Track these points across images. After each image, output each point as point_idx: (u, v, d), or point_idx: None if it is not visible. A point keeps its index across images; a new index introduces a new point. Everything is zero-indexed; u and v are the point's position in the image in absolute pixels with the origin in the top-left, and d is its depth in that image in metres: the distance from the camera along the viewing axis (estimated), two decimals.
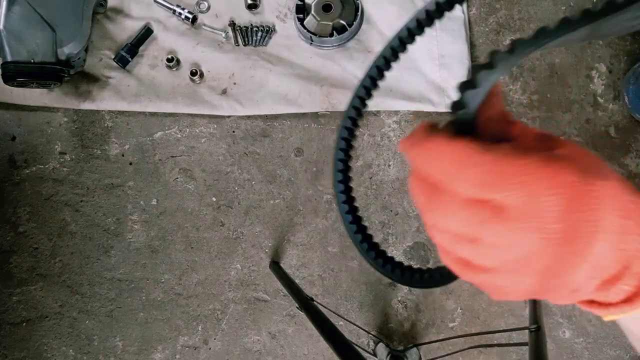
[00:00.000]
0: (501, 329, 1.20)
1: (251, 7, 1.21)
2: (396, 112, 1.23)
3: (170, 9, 1.19)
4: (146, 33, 1.18)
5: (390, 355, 1.13)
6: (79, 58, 1.10)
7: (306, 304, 0.96)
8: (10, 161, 1.20)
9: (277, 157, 1.23)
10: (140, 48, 1.18)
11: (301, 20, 1.19)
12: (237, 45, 1.21)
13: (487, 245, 0.24)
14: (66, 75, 1.08)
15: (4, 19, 1.01)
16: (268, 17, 1.23)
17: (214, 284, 1.20)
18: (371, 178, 1.23)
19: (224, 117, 1.22)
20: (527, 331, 0.99)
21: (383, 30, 1.22)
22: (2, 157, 1.20)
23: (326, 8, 1.18)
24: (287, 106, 1.19)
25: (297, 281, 1.18)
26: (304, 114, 1.22)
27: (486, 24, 1.28)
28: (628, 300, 0.25)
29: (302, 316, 1.17)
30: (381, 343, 1.17)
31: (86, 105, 1.17)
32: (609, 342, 1.22)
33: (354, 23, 1.18)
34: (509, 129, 0.28)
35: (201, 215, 1.21)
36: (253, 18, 1.22)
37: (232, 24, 1.21)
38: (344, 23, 1.18)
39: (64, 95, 1.17)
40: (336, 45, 1.21)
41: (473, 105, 0.25)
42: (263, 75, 1.20)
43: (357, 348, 0.82)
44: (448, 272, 0.30)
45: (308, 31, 1.18)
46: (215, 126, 1.22)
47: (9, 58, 1.02)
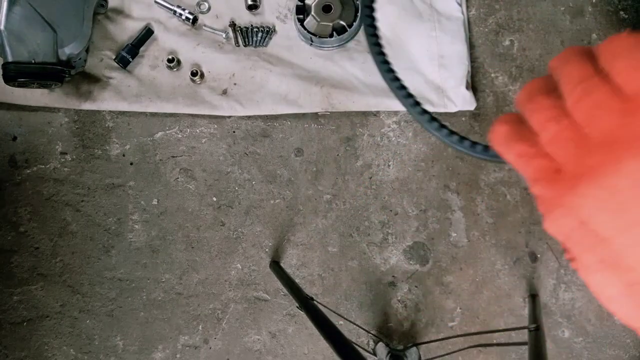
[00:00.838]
0: (501, 329, 1.20)
1: (251, 8, 1.21)
2: (396, 112, 1.24)
3: (170, 10, 1.19)
4: (147, 34, 1.19)
5: (390, 354, 1.13)
6: (80, 58, 1.11)
7: (306, 304, 0.96)
8: (11, 161, 1.20)
9: (277, 157, 1.23)
10: (141, 48, 1.19)
11: (301, 21, 1.19)
12: (238, 45, 1.22)
13: None
14: (67, 75, 1.09)
15: (5, 20, 1.01)
16: (268, 18, 1.23)
17: (215, 284, 1.21)
18: (371, 178, 1.23)
19: (225, 118, 1.22)
20: (527, 330, 1.00)
21: (383, 30, 1.22)
22: (3, 157, 1.20)
23: (326, 9, 1.18)
24: (287, 106, 1.20)
25: (297, 281, 1.18)
26: (304, 114, 1.22)
27: (485, 25, 1.28)
28: None
29: (302, 316, 1.17)
30: (381, 342, 1.17)
31: (87, 105, 1.18)
32: (609, 342, 1.23)
33: (354, 24, 1.19)
34: None
35: (202, 215, 1.21)
36: (253, 19, 1.23)
37: (233, 25, 1.21)
38: (344, 24, 1.19)
39: (65, 95, 1.17)
40: (336, 45, 1.21)
41: None
42: (263, 75, 1.20)
43: (357, 347, 0.82)
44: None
45: (308, 32, 1.18)
46: (215, 126, 1.22)
47: (10, 58, 1.02)
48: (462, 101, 1.20)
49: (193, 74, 1.18)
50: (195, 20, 1.20)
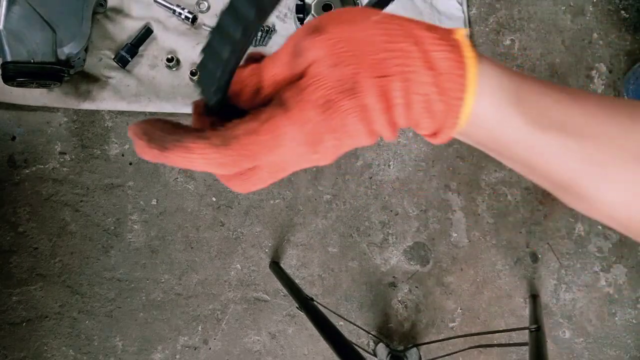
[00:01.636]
0: (501, 329, 1.20)
1: None
2: None
3: (170, 9, 1.19)
4: (146, 33, 1.18)
5: (390, 355, 1.13)
6: (79, 58, 1.10)
7: (306, 304, 0.96)
8: (10, 161, 1.20)
9: None
10: (140, 48, 1.18)
11: (301, 20, 1.19)
12: None
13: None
14: (66, 75, 1.08)
15: (4, 19, 1.01)
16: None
17: (214, 284, 1.20)
18: (371, 178, 1.23)
19: None
20: (527, 331, 1.00)
21: None
22: (2, 157, 1.20)
23: (326, 8, 1.18)
24: None
25: (297, 281, 1.18)
26: None
27: (486, 24, 1.28)
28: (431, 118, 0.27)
29: (302, 316, 1.17)
30: (381, 343, 1.17)
31: (86, 105, 1.17)
32: (609, 342, 1.22)
33: None
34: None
35: (201, 215, 1.21)
36: None
37: None
38: None
39: (64, 95, 1.17)
40: None
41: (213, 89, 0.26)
42: None
43: (357, 348, 0.82)
44: None
45: None
46: None
47: (9, 58, 1.02)
48: None
49: (192, 74, 1.17)
50: (194, 19, 1.20)
